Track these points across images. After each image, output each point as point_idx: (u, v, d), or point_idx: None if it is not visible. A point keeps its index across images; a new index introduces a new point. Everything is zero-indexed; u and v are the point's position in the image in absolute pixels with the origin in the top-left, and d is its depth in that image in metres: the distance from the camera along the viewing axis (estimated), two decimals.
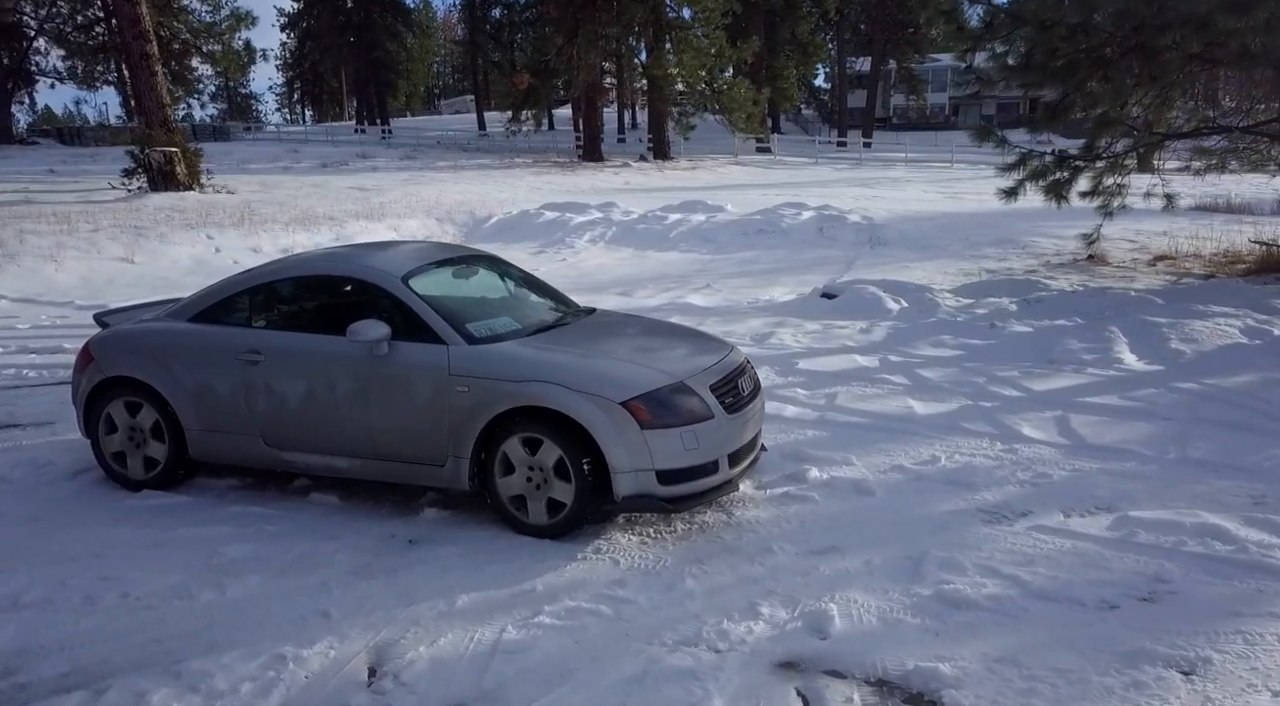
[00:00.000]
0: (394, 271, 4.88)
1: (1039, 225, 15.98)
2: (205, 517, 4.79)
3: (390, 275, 4.85)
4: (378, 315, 4.72)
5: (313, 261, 5.34)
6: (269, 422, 4.87)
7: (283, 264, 5.34)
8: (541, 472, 4.42)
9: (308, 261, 5.36)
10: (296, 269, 5.23)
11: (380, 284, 4.83)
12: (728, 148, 41.69)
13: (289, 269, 5.24)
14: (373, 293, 4.87)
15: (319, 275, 5.22)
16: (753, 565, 4.13)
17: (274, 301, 5.21)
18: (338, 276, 5.17)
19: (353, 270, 5.08)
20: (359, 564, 4.25)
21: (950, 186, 27.68)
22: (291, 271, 5.21)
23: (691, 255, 15.30)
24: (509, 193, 23.63)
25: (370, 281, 4.89)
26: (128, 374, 5.07)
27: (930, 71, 58.29)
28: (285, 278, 5.19)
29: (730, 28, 36.87)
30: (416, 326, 4.66)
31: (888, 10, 48.39)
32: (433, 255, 5.36)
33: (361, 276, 4.97)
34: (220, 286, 5.23)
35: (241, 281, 5.15)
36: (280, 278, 5.17)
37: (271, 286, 5.17)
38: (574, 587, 3.95)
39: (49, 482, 5.29)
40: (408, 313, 4.71)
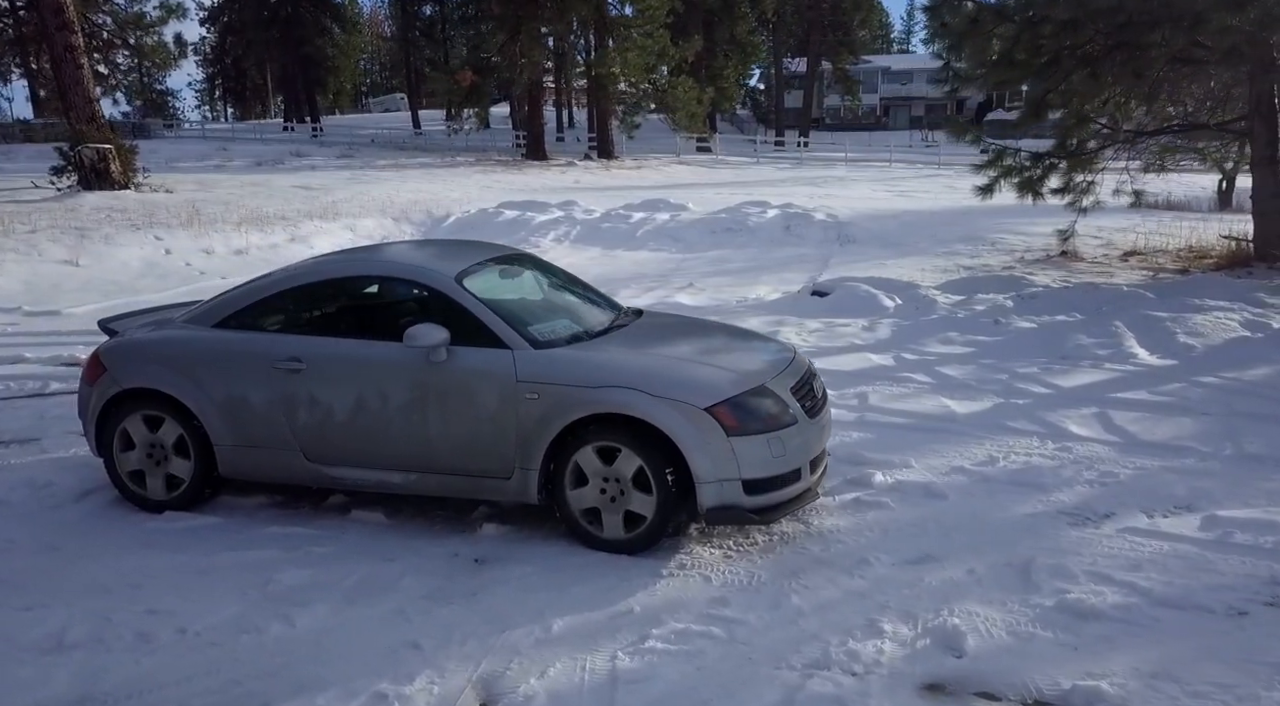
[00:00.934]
0: (446, 272, 4.55)
1: (1002, 222, 16.19)
2: (244, 540, 4.40)
3: (443, 276, 4.52)
4: (431, 318, 4.40)
5: (355, 262, 4.97)
6: (312, 436, 4.50)
7: (319, 265, 4.95)
8: (618, 484, 4.15)
9: (349, 262, 4.99)
10: (337, 270, 4.86)
11: (433, 285, 4.50)
12: (669, 147, 41.60)
13: (327, 270, 4.86)
14: (425, 294, 4.54)
15: (363, 276, 4.86)
16: (852, 578, 3.94)
17: (313, 305, 4.83)
18: (385, 277, 4.82)
19: (402, 271, 4.73)
20: (431, 587, 3.93)
21: (897, 185, 28.03)
22: (331, 272, 4.84)
23: (662, 254, 15.10)
24: (460, 191, 23.12)
25: (422, 282, 4.56)
26: (148, 386, 4.64)
27: (861, 73, 59.23)
28: (324, 279, 4.81)
29: (671, 27, 36.76)
30: (476, 330, 4.35)
31: (823, 12, 48.92)
32: (478, 254, 5.03)
33: (412, 277, 4.63)
34: (248, 289, 4.82)
35: (273, 284, 4.75)
36: (318, 279, 4.79)
37: (310, 289, 4.79)
38: (674, 608, 3.70)
39: (56, 506, 4.82)
40: (466, 315, 4.38)
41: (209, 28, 69.51)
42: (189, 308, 5.23)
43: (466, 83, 33.29)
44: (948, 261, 13.23)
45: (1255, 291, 9.67)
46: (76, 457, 5.48)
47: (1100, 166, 12.40)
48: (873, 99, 63.37)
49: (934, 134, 56.21)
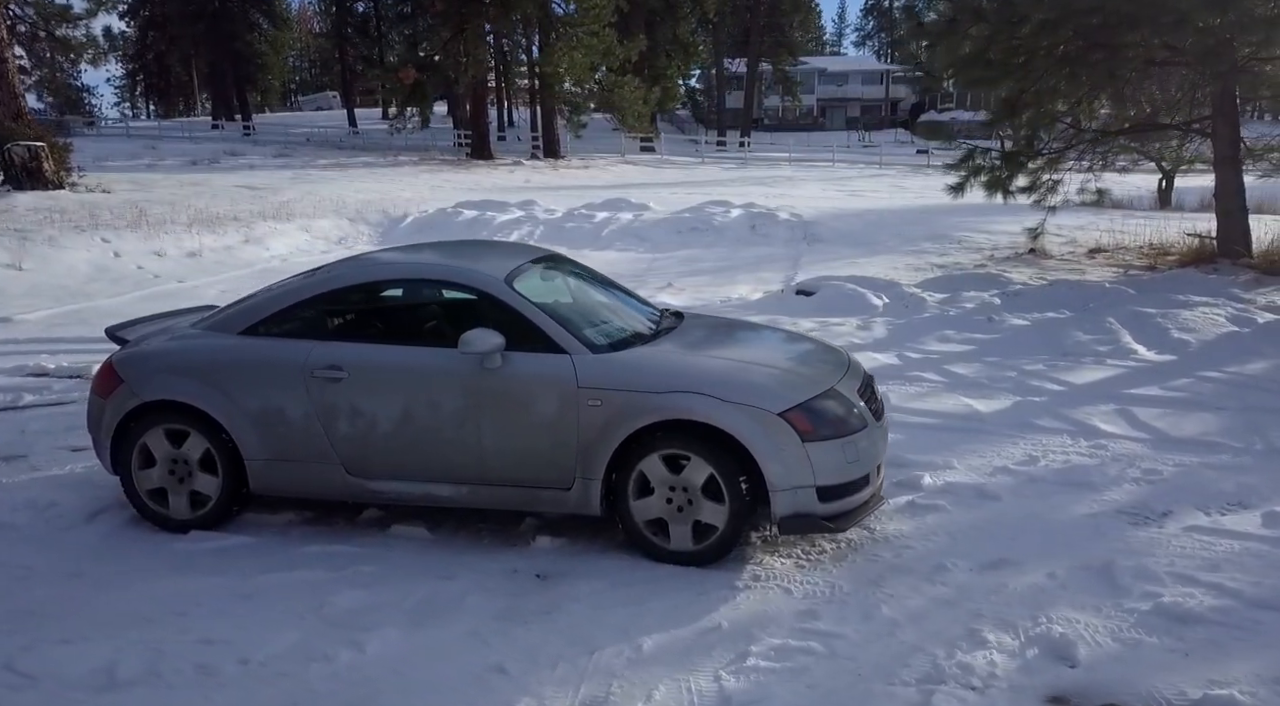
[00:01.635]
0: (495, 274, 4.33)
1: (964, 221, 16.40)
2: (283, 560, 4.12)
3: (493, 278, 4.30)
4: (481, 323, 4.17)
5: (397, 265, 4.70)
6: (353, 448, 4.24)
7: (356, 267, 4.66)
8: (686, 493, 3.98)
9: (390, 265, 4.71)
10: (377, 273, 4.59)
11: (484, 288, 4.27)
12: (614, 147, 41.41)
13: (365, 273, 4.58)
14: (475, 298, 4.31)
15: (406, 279, 4.60)
16: (934, 585, 3.83)
17: (353, 310, 4.56)
18: (431, 280, 4.56)
19: (449, 273, 4.48)
20: (500, 606, 3.71)
21: (846, 185, 28.34)
22: (370, 275, 4.56)
23: (631, 254, 14.94)
24: (412, 191, 22.63)
25: (472, 285, 4.32)
26: (172, 398, 4.31)
27: (799, 74, 59.88)
28: (362, 283, 4.53)
29: (614, 26, 36.60)
30: (531, 334, 4.14)
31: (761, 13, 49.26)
32: (518, 255, 4.82)
33: (461, 280, 4.39)
34: (277, 294, 4.53)
35: (306, 288, 4.46)
36: (356, 283, 4.52)
37: (347, 293, 4.51)
38: (762, 622, 3.55)
39: (67, 528, 4.46)
40: (520, 319, 4.17)
41: (129, 22, 67.02)
42: (203, 313, 4.92)
43: (409, 80, 32.63)
44: (918, 259, 13.34)
45: (1230, 287, 9.93)
46: (75, 475, 5.12)
47: (1066, 165, 12.63)
48: (810, 100, 64.09)
49: (870, 134, 57.24)
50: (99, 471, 5.09)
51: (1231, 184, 11.41)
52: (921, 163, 40.46)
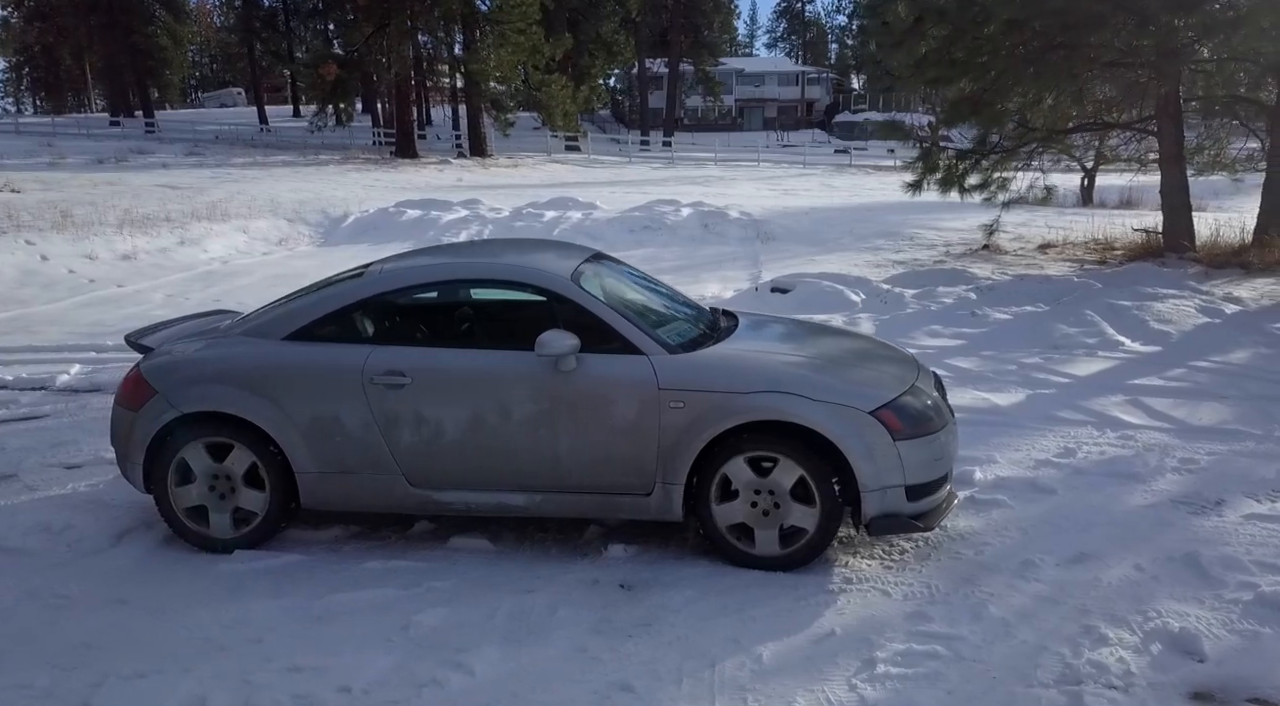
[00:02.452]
0: (561, 272, 4.14)
1: (910, 218, 16.70)
2: (347, 579, 3.85)
3: (560, 277, 4.11)
4: (550, 324, 3.97)
5: (456, 265, 4.44)
6: (417, 458, 3.99)
7: (408, 268, 4.37)
8: (772, 496, 3.86)
9: (447, 265, 4.44)
10: (435, 273, 4.31)
11: (552, 287, 4.07)
12: (538, 146, 41.01)
13: (423, 273, 4.30)
14: (543, 298, 4.10)
15: (467, 279, 4.34)
16: (1028, 582, 3.79)
17: (409, 313, 4.30)
18: (494, 280, 4.31)
19: (513, 273, 4.24)
20: (594, 620, 3.53)
21: (778, 184, 28.64)
22: (428, 276, 4.29)
23: None
24: (345, 191, 21.95)
25: (539, 284, 4.11)
26: (215, 409, 3.99)
27: (717, 74, 60.36)
28: (420, 283, 4.26)
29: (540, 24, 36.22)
30: (605, 335, 3.97)
31: (681, 13, 49.48)
32: (569, 253, 4.63)
33: (527, 279, 4.16)
34: (322, 297, 4.22)
35: (356, 290, 4.17)
36: (412, 284, 4.24)
37: (403, 294, 4.24)
38: (875, 627, 3.45)
39: (93, 552, 4.09)
40: (592, 319, 3.99)
41: (13, 12, 63.37)
42: (232, 317, 4.60)
43: (330, 77, 31.68)
44: (875, 256, 13.50)
45: (1186, 280, 10.28)
46: (81, 495, 4.72)
47: (1016, 164, 12.95)
48: (728, 100, 64.69)
49: (788, 134, 58.12)
50: (108, 490, 4.74)
51: (1176, 181, 11.84)
52: (843, 162, 41.30)
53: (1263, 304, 9.19)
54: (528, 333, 3.99)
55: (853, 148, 49.03)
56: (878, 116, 63.89)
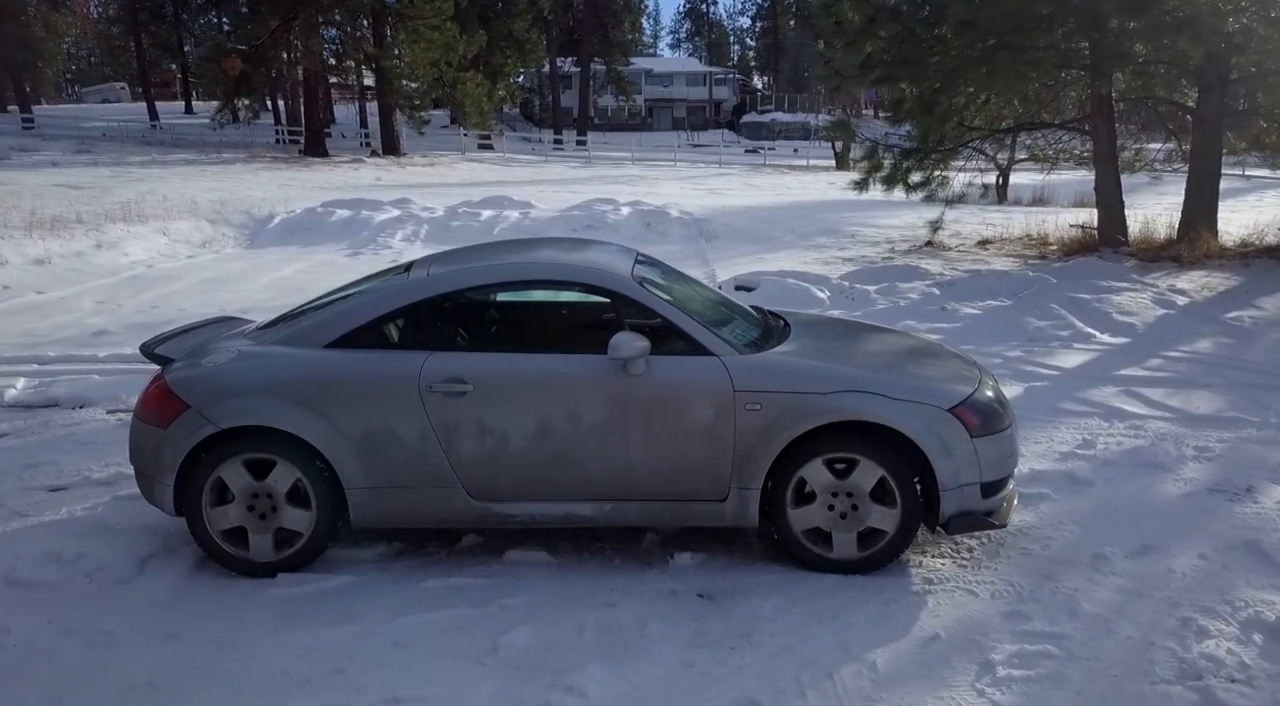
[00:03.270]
0: (621, 272, 3.97)
1: (846, 216, 16.96)
2: (410, 600, 3.60)
3: (622, 276, 3.94)
4: (614, 326, 3.80)
5: (513, 265, 4.16)
6: (479, 469, 3.76)
7: (463, 269, 4.07)
8: (850, 498, 3.78)
9: (503, 265, 4.17)
10: (491, 274, 4.04)
11: (616, 288, 3.89)
12: (449, 144, 40.30)
13: (478, 274, 4.03)
14: (607, 299, 3.91)
15: (525, 281, 4.09)
16: (1106, 575, 3.80)
17: (466, 316, 4.05)
18: (554, 281, 4.08)
19: (575, 273, 4.02)
20: (689, 633, 3.39)
21: (701, 183, 28.77)
22: (484, 277, 4.02)
23: None
24: (261, 191, 21.06)
25: (602, 285, 3.92)
26: (259, 423, 3.68)
27: (626, 74, 60.38)
28: (477, 285, 4.00)
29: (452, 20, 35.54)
30: (674, 336, 3.82)
31: (594, 12, 49.31)
32: (618, 252, 4.45)
33: (589, 280, 3.96)
34: (366, 301, 3.93)
35: (406, 293, 3.90)
36: (469, 285, 3.98)
37: (459, 297, 3.98)
38: (978, 629, 3.40)
39: (118, 582, 3.73)
40: (658, 320, 3.84)
41: None
42: (239, 324, 4.28)
43: (234, 71, 30.36)
44: (822, 254, 13.63)
45: (1129, 273, 10.68)
46: (80, 520, 4.31)
47: (959, 162, 13.27)
48: (638, 100, 64.75)
49: (699, 134, 58.58)
50: (109, 513, 4.36)
51: (1109, 178, 12.32)
52: (758, 162, 41.82)
53: (1205, 295, 9.61)
54: (590, 335, 3.84)
55: (763, 148, 49.79)
56: (785, 117, 65.18)
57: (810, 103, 65.66)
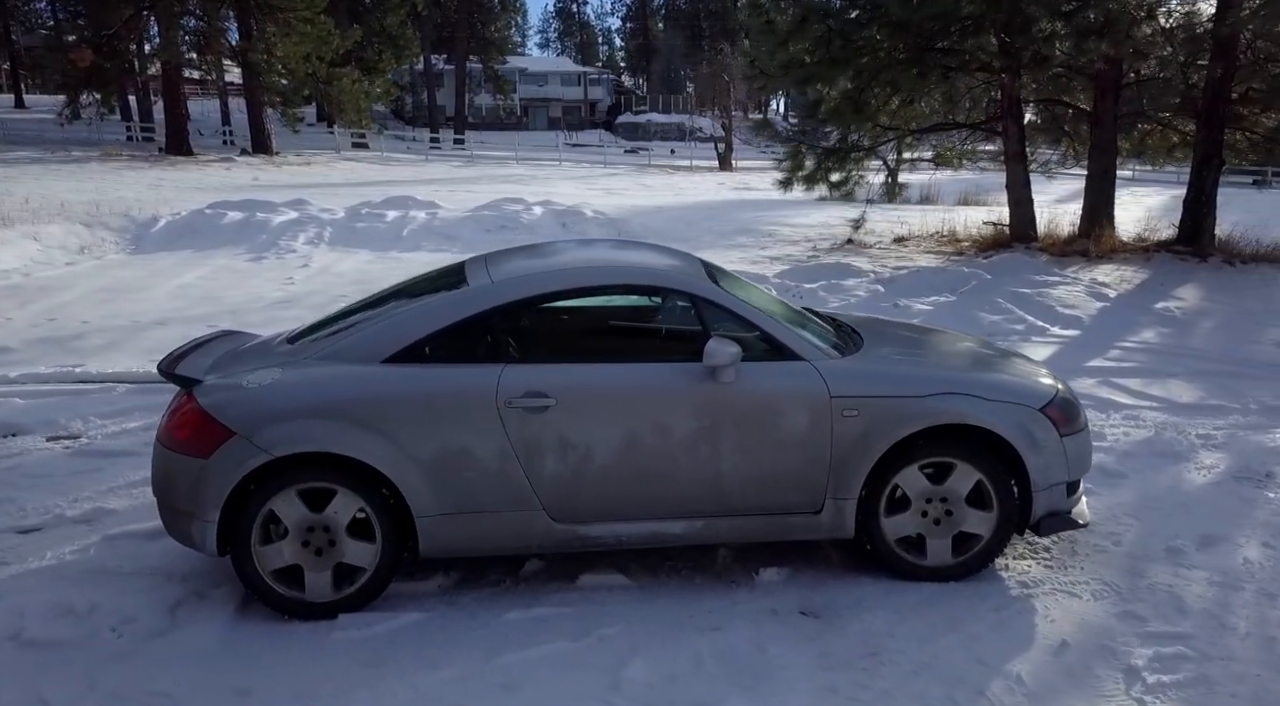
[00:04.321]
0: (698, 274, 3.77)
1: (760, 216, 17.10)
2: (499, 637, 3.28)
3: (702, 280, 3.73)
4: (695, 331, 3.60)
5: (586, 270, 3.82)
6: (562, 489, 3.46)
7: (533, 274, 3.72)
8: (944, 504, 3.67)
9: (577, 270, 3.82)
10: (564, 279, 3.68)
11: (699, 292, 3.66)
12: (319, 143, 38.63)
13: (550, 279, 3.68)
14: (689, 304, 3.68)
15: (602, 285, 3.76)
16: (1191, 569, 3.82)
17: (538, 324, 3.71)
18: (630, 285, 3.79)
19: (654, 277, 3.78)
20: (813, 655, 3.20)
21: (594, 183, 28.53)
22: (556, 283, 3.67)
23: (449, 255, 13.86)
24: (133, 191, 19.55)
25: (684, 289, 3.70)
26: (320, 449, 3.26)
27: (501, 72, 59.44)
28: (549, 291, 3.65)
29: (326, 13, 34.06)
30: (762, 341, 3.63)
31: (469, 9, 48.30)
32: (678, 254, 4.20)
33: (670, 284, 3.73)
34: (426, 310, 3.55)
35: (472, 301, 3.53)
36: (541, 292, 3.63)
37: (530, 304, 3.63)
38: (1103, 633, 3.33)
39: (155, 634, 3.24)
40: (745, 325, 3.64)
41: None
42: (243, 338, 3.84)
43: (84, 63, 28.15)
44: (747, 253, 13.65)
45: (1049, 267, 11.11)
46: (71, 565, 3.77)
47: (876, 163, 13.55)
48: (513, 99, 63.80)
49: (576, 134, 58.28)
50: (104, 556, 3.87)
51: (1020, 177, 12.80)
52: (642, 162, 41.90)
53: (1126, 288, 10.09)
54: (669, 342, 3.64)
55: (641, 148, 50.02)
56: (660, 118, 65.70)
57: (685, 104, 66.46)
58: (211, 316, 9.03)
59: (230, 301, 10.07)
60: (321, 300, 9.90)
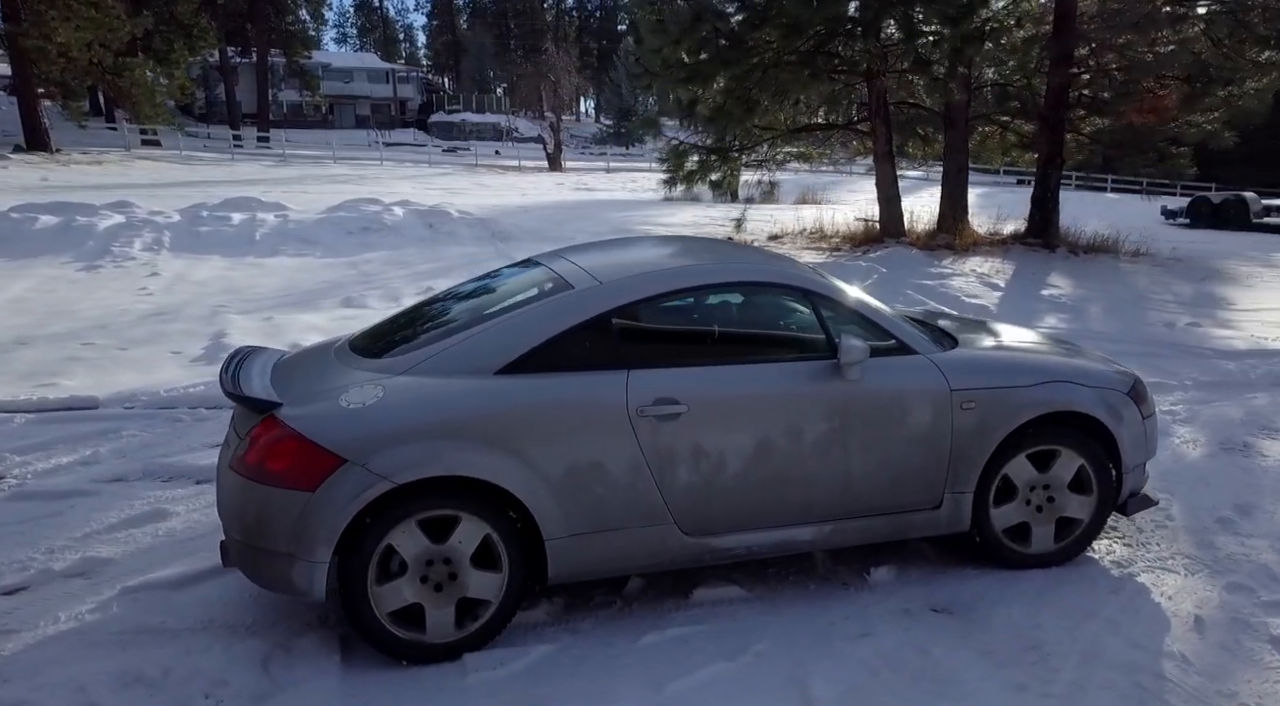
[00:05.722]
0: (808, 270, 3.68)
1: (628, 215, 17.05)
2: (649, 667, 3.02)
3: (814, 275, 3.64)
4: (810, 328, 3.52)
5: (698, 269, 3.55)
6: (693, 501, 3.23)
7: (649, 274, 3.41)
8: (1047, 490, 3.71)
9: (691, 269, 3.54)
10: (681, 278, 3.44)
11: (815, 288, 3.56)
12: (100, 140, 35.20)
13: (666, 279, 3.41)
14: (808, 302, 3.55)
15: (719, 284, 3.55)
16: (1252, 538, 4.03)
17: (655, 326, 3.41)
18: (750, 283, 3.61)
19: (770, 274, 3.61)
20: (973, 655, 3.13)
21: (430, 182, 27.61)
22: (674, 282, 3.41)
23: (314, 259, 12.93)
24: None
25: (802, 286, 3.56)
26: (444, 471, 2.89)
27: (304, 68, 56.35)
28: (666, 291, 3.39)
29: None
30: (879, 337, 3.55)
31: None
32: (755, 250, 4.02)
33: (786, 280, 3.57)
34: (535, 316, 3.22)
35: (583, 305, 3.22)
36: (659, 292, 3.37)
37: (646, 305, 3.36)
38: (1224, 607, 3.45)
39: (257, 697, 2.78)
40: (863, 321, 3.57)
41: None
42: (352, 351, 3.35)
43: None
44: None
45: (929, 260, 11.71)
46: (100, 627, 3.17)
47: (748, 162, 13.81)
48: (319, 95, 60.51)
49: (390, 132, 56.16)
50: (135, 612, 3.37)
51: (888, 176, 13.42)
52: (469, 162, 40.94)
53: (1004, 278, 10.77)
54: (788, 341, 3.55)
55: (459, 148, 48.96)
56: (475, 117, 64.48)
57: (498, 104, 65.54)
58: (78, 333, 7.96)
59: (88, 316, 8.90)
60: (201, 312, 8.98)
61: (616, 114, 61.50)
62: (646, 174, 36.82)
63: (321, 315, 8.95)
